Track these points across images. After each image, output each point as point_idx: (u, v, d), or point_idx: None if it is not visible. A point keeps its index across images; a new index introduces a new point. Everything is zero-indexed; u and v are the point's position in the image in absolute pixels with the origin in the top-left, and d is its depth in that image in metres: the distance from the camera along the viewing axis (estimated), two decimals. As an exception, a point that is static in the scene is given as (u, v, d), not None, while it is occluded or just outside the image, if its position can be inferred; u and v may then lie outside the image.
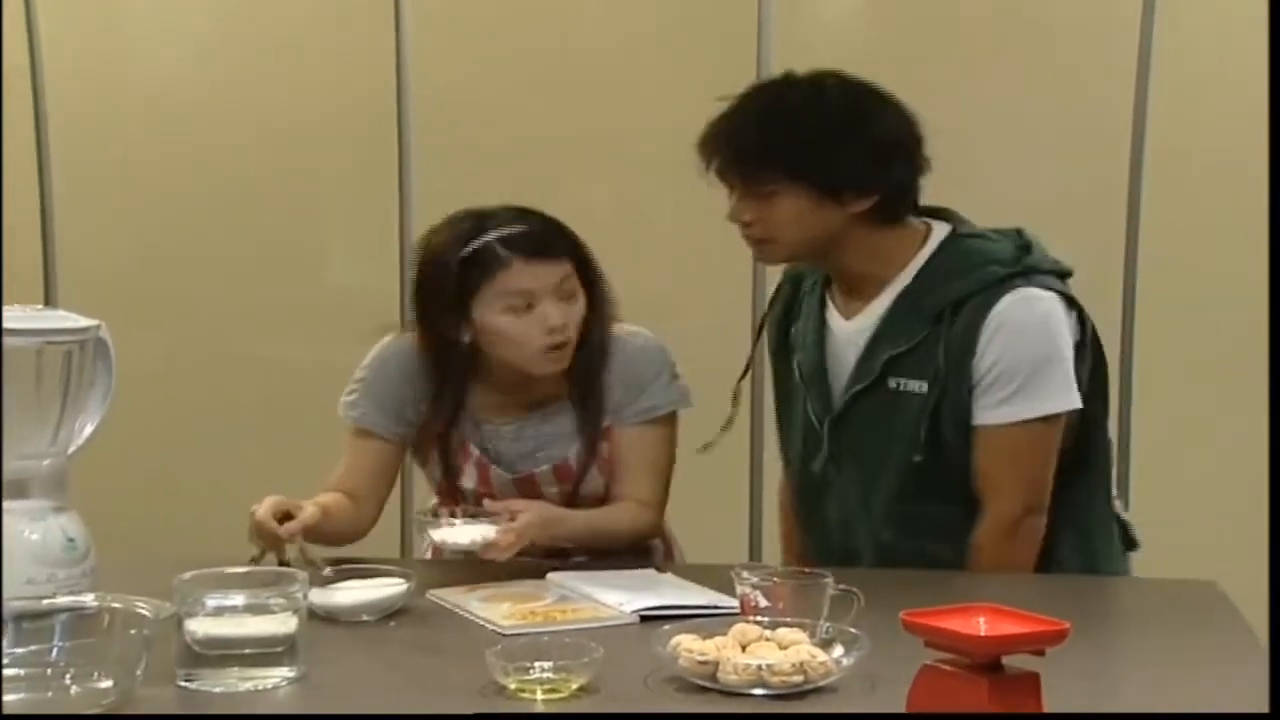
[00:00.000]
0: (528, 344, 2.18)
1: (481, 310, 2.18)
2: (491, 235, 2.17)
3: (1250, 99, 3.41)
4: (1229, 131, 3.48)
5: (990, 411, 2.12)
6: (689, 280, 3.58)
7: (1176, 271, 3.52)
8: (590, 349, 2.26)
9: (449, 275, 2.18)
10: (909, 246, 2.19)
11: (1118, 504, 2.32)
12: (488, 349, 2.22)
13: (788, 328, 2.33)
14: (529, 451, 2.29)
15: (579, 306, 2.21)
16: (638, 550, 2.33)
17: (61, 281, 3.90)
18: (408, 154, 3.75)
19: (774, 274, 2.46)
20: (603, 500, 2.32)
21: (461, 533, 2.10)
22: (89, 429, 1.99)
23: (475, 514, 2.13)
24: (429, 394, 2.27)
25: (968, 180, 2.23)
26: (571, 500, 2.29)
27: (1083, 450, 2.22)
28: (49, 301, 3.78)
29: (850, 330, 2.22)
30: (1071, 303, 2.17)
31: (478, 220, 2.21)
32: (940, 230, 2.20)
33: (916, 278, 2.17)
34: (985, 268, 2.14)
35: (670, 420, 2.32)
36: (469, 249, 2.17)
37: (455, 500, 2.30)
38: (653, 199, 3.71)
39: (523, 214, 2.22)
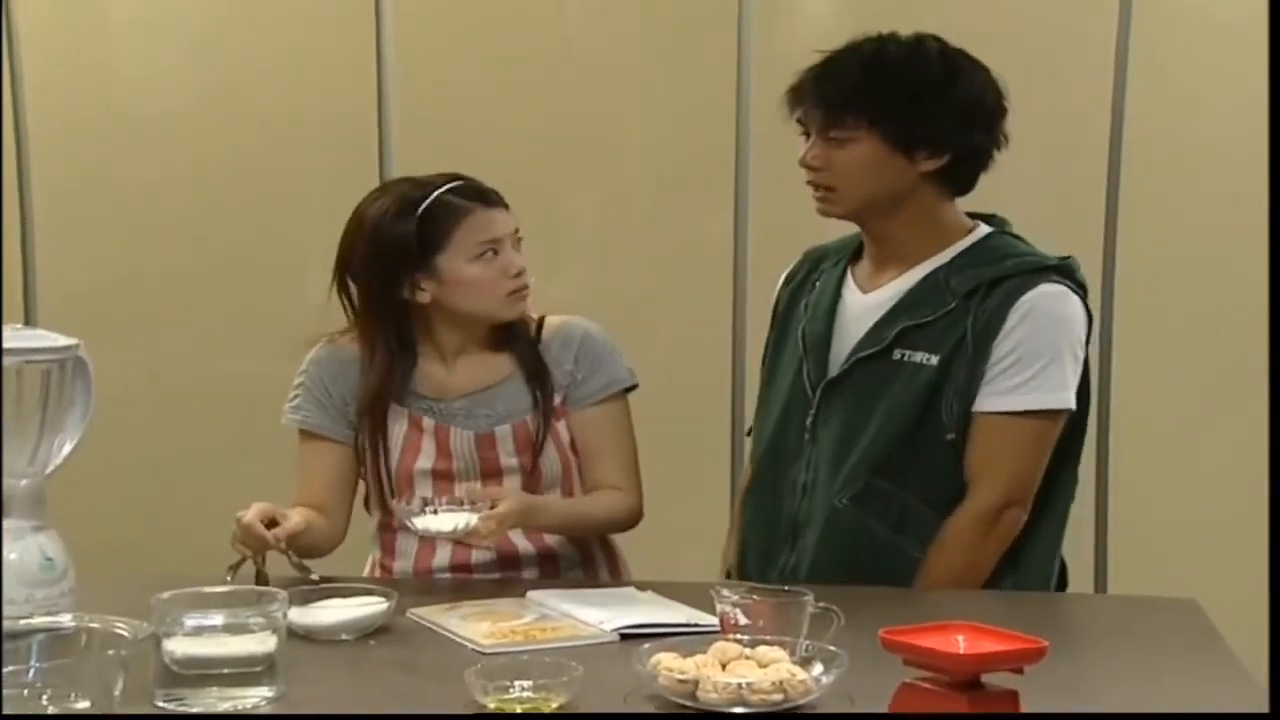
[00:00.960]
0: (494, 291, 2.23)
1: (449, 261, 2.22)
2: (444, 190, 2.23)
3: (1226, 106, 3.46)
4: (1205, 141, 3.51)
5: (998, 398, 2.15)
6: (671, 288, 3.59)
7: (1156, 283, 3.54)
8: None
9: (409, 233, 2.21)
10: (957, 230, 2.25)
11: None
12: (451, 302, 2.25)
13: (797, 300, 2.36)
14: (486, 427, 2.30)
15: (525, 254, 2.27)
16: (583, 560, 2.34)
17: (41, 300, 3.88)
18: (389, 169, 3.75)
19: (756, 281, 2.48)
20: (563, 489, 2.33)
21: (444, 520, 2.14)
22: (67, 448, 1.99)
23: (456, 504, 2.16)
24: (374, 369, 2.28)
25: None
26: (531, 480, 2.29)
27: (1048, 482, 2.24)
28: (28, 320, 3.77)
29: (868, 303, 2.25)
30: (1089, 318, 2.23)
31: (415, 183, 2.26)
32: (986, 227, 2.27)
33: (953, 259, 2.22)
34: (1024, 258, 2.21)
35: (625, 398, 2.36)
36: (427, 204, 2.22)
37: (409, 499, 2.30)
38: (635, 208, 3.72)
39: (456, 175, 2.27)
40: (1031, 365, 2.14)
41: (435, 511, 2.15)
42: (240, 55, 3.80)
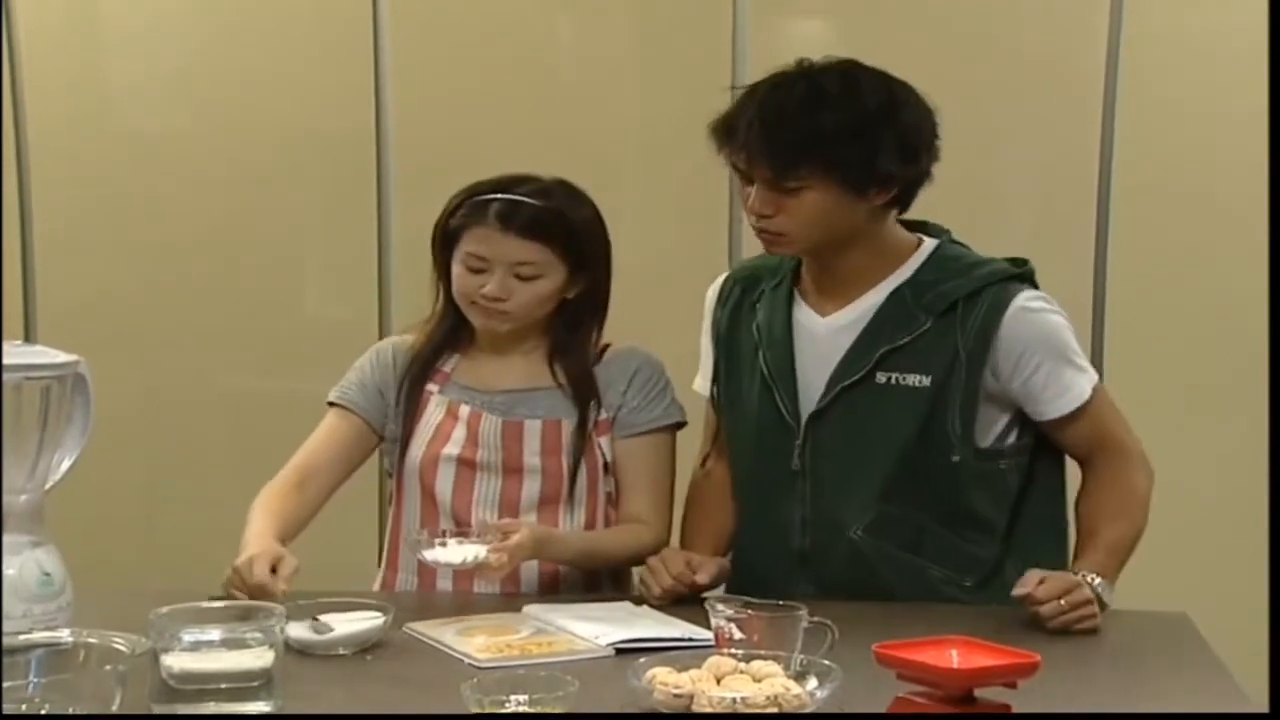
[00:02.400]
0: (465, 298, 2.31)
1: (455, 258, 2.32)
2: (485, 196, 2.29)
3: (1216, 119, 3.48)
4: (1195, 154, 3.53)
5: (1057, 402, 2.18)
6: (665, 303, 3.59)
7: (1145, 295, 3.55)
8: (573, 337, 2.35)
9: (447, 217, 2.33)
10: (904, 247, 2.23)
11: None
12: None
13: (738, 323, 2.32)
14: (519, 417, 2.34)
15: (534, 290, 2.28)
16: (587, 586, 2.34)
17: (41, 317, 3.90)
18: (386, 187, 3.76)
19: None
20: (588, 507, 2.34)
21: (453, 552, 2.14)
22: (66, 463, 1.99)
23: (466, 535, 2.18)
24: (423, 330, 2.38)
25: (938, 204, 2.27)
26: (550, 485, 2.31)
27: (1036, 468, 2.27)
28: (28, 336, 3.78)
29: (829, 326, 2.22)
30: None
31: (500, 181, 2.32)
32: (931, 240, 2.26)
33: (913, 276, 2.20)
34: (988, 265, 2.21)
35: (672, 434, 2.39)
36: (464, 201, 2.31)
37: (434, 505, 2.32)
38: (629, 222, 3.71)
39: (537, 190, 2.30)
40: (1066, 364, 2.18)
41: (444, 543, 2.15)
42: (239, 71, 3.81)
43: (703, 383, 2.41)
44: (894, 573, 2.21)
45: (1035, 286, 2.24)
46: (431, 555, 2.15)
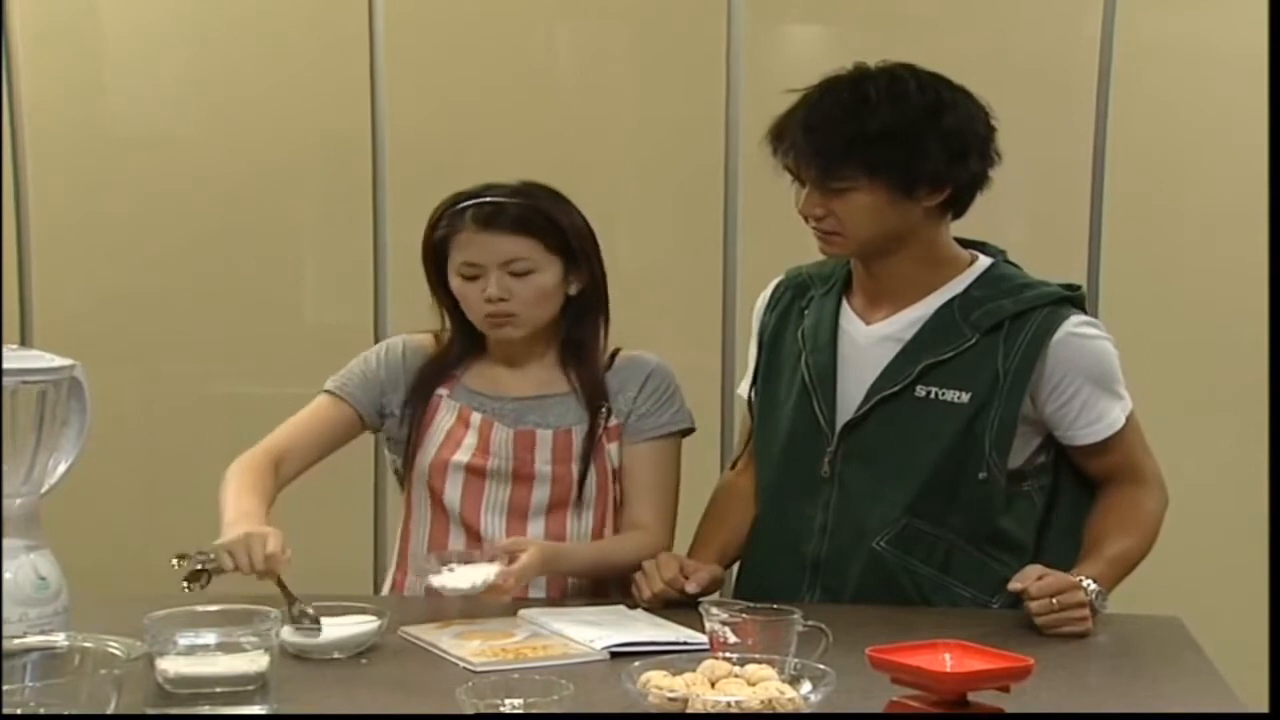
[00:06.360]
0: (474, 309, 2.31)
1: (450, 271, 2.32)
2: (462, 205, 2.30)
3: (1207, 128, 3.50)
4: (1187, 163, 3.55)
5: (1088, 429, 2.19)
6: (660, 310, 3.61)
7: (1138, 304, 3.56)
8: (582, 336, 2.36)
9: (429, 237, 2.33)
10: (957, 261, 2.24)
11: None
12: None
13: (785, 327, 2.33)
14: (530, 426, 2.34)
15: (532, 285, 2.28)
16: (595, 591, 2.34)
17: (37, 321, 3.90)
18: (382, 193, 3.77)
19: (745, 305, 2.49)
20: (596, 511, 2.35)
21: (462, 577, 2.11)
22: (62, 468, 2.00)
23: (473, 557, 2.16)
24: (438, 344, 2.38)
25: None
26: (560, 491, 2.31)
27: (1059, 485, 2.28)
28: (24, 340, 3.78)
29: (873, 334, 2.22)
30: None
31: (474, 189, 2.32)
32: (985, 258, 2.26)
33: (965, 291, 2.20)
34: (1039, 288, 2.21)
35: (679, 440, 2.39)
36: (442, 215, 2.32)
37: (443, 511, 2.33)
38: (624, 230, 3.73)
39: (510, 190, 2.31)
40: (1104, 392, 2.18)
41: (452, 568, 2.13)
42: (236, 77, 3.82)
43: (745, 386, 2.41)
44: (914, 586, 2.21)
45: (1085, 311, 2.23)
46: (439, 582, 2.12)
